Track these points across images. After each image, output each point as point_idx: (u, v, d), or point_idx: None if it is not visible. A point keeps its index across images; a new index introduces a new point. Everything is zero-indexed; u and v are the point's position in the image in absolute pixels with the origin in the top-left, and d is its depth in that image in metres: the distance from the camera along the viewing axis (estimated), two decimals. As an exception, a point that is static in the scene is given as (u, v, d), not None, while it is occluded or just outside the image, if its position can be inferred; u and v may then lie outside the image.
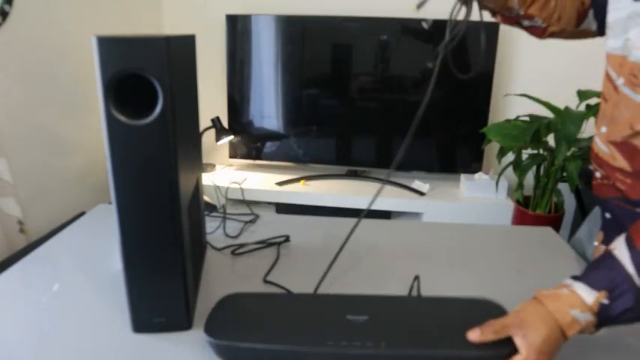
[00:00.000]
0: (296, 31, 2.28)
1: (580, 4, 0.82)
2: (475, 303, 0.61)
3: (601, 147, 0.74)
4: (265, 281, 0.76)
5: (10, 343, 0.59)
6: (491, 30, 2.30)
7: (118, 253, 0.77)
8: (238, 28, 2.34)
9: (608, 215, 0.79)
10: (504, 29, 2.39)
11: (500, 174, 2.31)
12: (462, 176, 2.47)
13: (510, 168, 2.24)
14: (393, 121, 2.43)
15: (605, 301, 0.52)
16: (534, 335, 0.52)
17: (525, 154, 2.22)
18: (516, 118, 2.28)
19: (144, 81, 0.51)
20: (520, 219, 2.29)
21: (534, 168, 2.25)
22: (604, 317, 0.52)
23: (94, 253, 0.83)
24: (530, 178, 2.36)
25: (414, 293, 0.72)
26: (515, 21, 0.83)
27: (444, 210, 2.37)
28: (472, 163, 2.50)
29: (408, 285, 0.75)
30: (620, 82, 0.68)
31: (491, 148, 2.50)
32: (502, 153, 2.26)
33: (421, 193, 2.39)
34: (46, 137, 1.86)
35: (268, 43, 2.32)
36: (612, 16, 0.69)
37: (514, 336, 0.53)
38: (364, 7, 2.41)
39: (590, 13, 0.81)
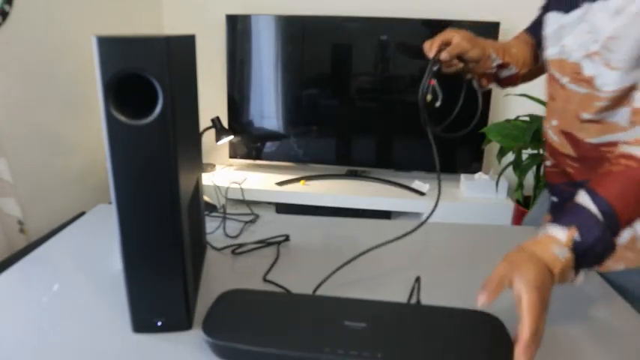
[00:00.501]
0: (296, 31, 2.28)
1: (530, 45, 0.97)
2: (475, 316, 0.61)
3: (553, 137, 0.87)
4: (265, 280, 0.76)
5: (10, 343, 0.59)
6: (492, 30, 2.30)
7: (117, 253, 0.77)
8: (238, 28, 2.34)
9: (555, 199, 0.92)
10: (504, 29, 2.39)
11: (500, 174, 2.31)
12: (462, 176, 2.47)
13: (510, 168, 2.24)
14: (393, 121, 2.43)
15: (577, 237, 0.59)
16: (527, 271, 0.56)
17: (525, 154, 2.22)
18: (516, 118, 2.28)
19: (144, 81, 0.51)
20: (520, 219, 2.29)
21: (534, 168, 2.25)
22: (579, 251, 0.59)
23: (94, 253, 0.83)
24: (530, 178, 2.36)
25: (415, 294, 0.72)
26: (495, 77, 0.93)
27: (444, 210, 2.37)
28: (472, 163, 2.50)
29: (408, 285, 0.75)
30: (564, 80, 0.81)
31: (492, 148, 2.50)
32: (502, 153, 2.26)
33: (421, 193, 2.39)
34: (46, 137, 1.86)
35: (268, 43, 2.32)
36: (547, 30, 0.85)
37: (512, 280, 0.56)
38: (364, 7, 2.41)
39: (539, 49, 0.95)
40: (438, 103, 0.79)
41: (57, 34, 1.87)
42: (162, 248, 0.57)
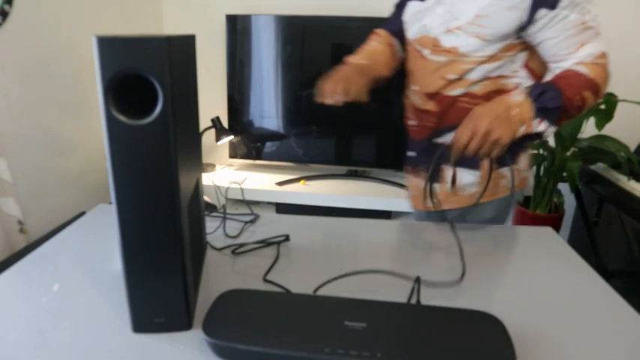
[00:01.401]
0: (296, 31, 2.28)
1: (390, 46, 1.16)
2: (474, 316, 0.61)
3: (416, 100, 1.06)
4: (265, 280, 0.76)
5: (10, 343, 0.59)
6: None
7: (117, 253, 0.77)
8: (238, 28, 2.34)
9: (413, 154, 1.13)
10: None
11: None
12: (462, 176, 2.47)
13: (510, 168, 2.24)
14: (393, 121, 2.43)
15: (531, 89, 0.87)
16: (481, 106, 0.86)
17: (525, 154, 2.22)
18: (516, 118, 2.27)
19: (144, 81, 0.51)
20: (520, 219, 2.29)
21: (534, 168, 2.25)
22: (535, 94, 0.86)
23: (94, 253, 0.83)
24: (530, 178, 2.36)
25: (415, 294, 0.72)
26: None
27: (444, 210, 2.36)
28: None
29: (408, 285, 0.75)
30: (425, 52, 1.01)
31: (491, 148, 2.49)
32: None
33: (421, 193, 2.38)
34: (46, 137, 1.86)
35: (268, 43, 2.32)
36: (406, 16, 1.07)
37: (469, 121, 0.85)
38: (364, 7, 2.41)
39: (398, 40, 1.17)
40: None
41: (57, 34, 1.87)
42: (163, 248, 0.57)
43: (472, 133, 0.84)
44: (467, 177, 1.03)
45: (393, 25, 1.15)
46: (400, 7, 1.13)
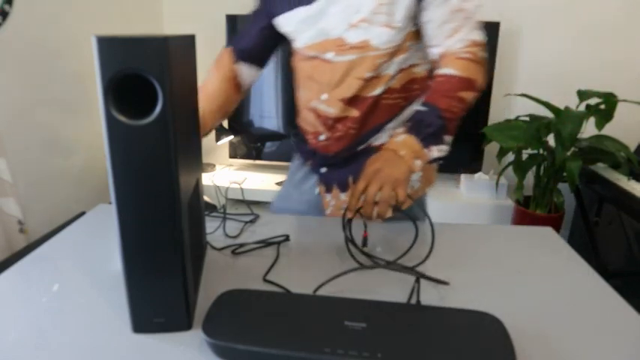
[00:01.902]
0: (296, 31, 2.28)
1: (231, 80, 1.09)
2: (474, 316, 0.61)
3: (328, 109, 0.99)
4: (265, 280, 0.76)
5: (10, 343, 0.59)
6: (492, 30, 2.30)
7: (117, 253, 0.77)
8: (238, 28, 2.34)
9: (324, 170, 1.08)
10: (505, 29, 2.39)
11: (500, 174, 2.31)
12: (462, 176, 2.47)
13: (510, 168, 2.24)
14: (393, 121, 2.42)
15: (409, 123, 0.88)
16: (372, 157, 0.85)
17: (525, 154, 2.22)
18: (516, 118, 2.28)
19: (144, 81, 0.51)
20: (520, 219, 2.29)
21: (534, 168, 2.25)
22: (415, 128, 0.87)
23: (94, 253, 0.83)
24: (530, 178, 2.36)
25: (415, 294, 0.72)
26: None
27: (444, 210, 2.37)
28: (472, 163, 2.50)
29: (408, 285, 0.75)
30: (329, 55, 0.95)
31: (491, 148, 2.50)
32: (502, 153, 2.26)
33: (421, 193, 2.38)
34: (46, 137, 1.86)
35: (268, 43, 2.32)
36: (291, 25, 0.99)
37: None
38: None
39: (250, 63, 1.10)
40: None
41: (57, 34, 1.87)
42: (162, 248, 0.57)
43: (367, 181, 0.81)
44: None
45: (248, 39, 1.07)
46: (262, 17, 1.04)
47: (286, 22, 0.99)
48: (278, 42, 1.08)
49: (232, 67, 1.07)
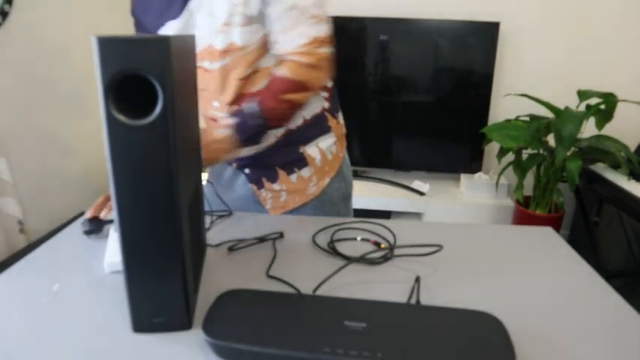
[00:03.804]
0: (296, 31, 2.28)
1: None
2: (475, 316, 0.61)
3: (223, 115, 1.01)
4: (268, 276, 0.76)
5: (10, 343, 0.59)
6: (492, 30, 2.30)
7: (107, 257, 0.77)
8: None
9: (247, 171, 1.10)
10: (505, 29, 2.39)
11: (500, 174, 2.31)
12: (462, 176, 2.48)
13: (510, 168, 2.24)
14: (393, 121, 2.43)
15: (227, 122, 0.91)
16: None
17: (525, 154, 2.23)
18: (516, 118, 2.28)
19: (144, 81, 0.51)
20: (520, 219, 2.30)
21: (534, 168, 2.25)
22: (237, 127, 0.90)
23: (93, 253, 0.83)
24: (530, 178, 2.36)
25: (415, 294, 0.72)
26: None
27: (444, 210, 2.37)
28: (472, 163, 2.50)
29: (408, 285, 0.75)
30: (206, 64, 0.97)
31: (491, 148, 2.50)
32: (502, 153, 2.26)
33: (421, 193, 2.39)
34: (46, 137, 1.86)
35: (268, 43, 2.32)
36: (169, 30, 0.96)
37: None
38: (364, 7, 2.41)
39: None
40: None
41: (57, 34, 1.87)
42: (163, 248, 0.57)
43: None
44: (326, 142, 1.10)
45: None
46: (142, 31, 1.05)
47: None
48: None
49: None
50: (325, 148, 1.10)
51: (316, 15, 0.91)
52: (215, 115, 1.03)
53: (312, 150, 1.08)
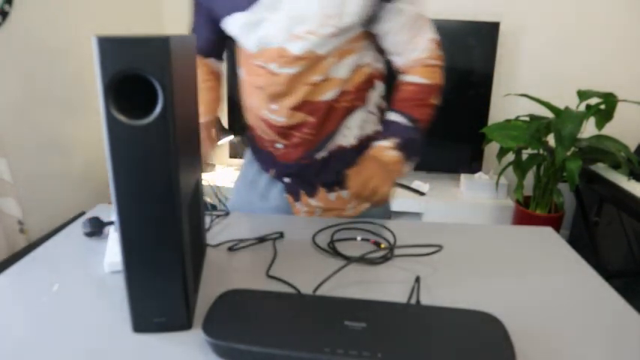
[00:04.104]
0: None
1: (213, 74, 1.13)
2: (474, 316, 0.61)
3: (279, 119, 0.96)
4: (269, 276, 0.76)
5: (10, 343, 0.59)
6: (492, 30, 2.30)
7: (107, 257, 0.78)
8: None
9: (288, 180, 1.05)
10: (504, 30, 2.39)
11: (500, 174, 2.31)
12: (462, 176, 2.47)
13: (510, 168, 2.24)
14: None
15: (399, 140, 0.90)
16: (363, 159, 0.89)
17: (525, 154, 2.23)
18: (516, 118, 2.28)
19: (144, 81, 0.51)
20: (520, 219, 2.29)
21: (534, 168, 2.25)
22: (402, 147, 0.90)
23: (94, 253, 0.83)
24: (530, 178, 2.36)
25: (415, 295, 0.72)
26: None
27: (443, 210, 2.37)
28: (472, 163, 2.50)
29: (408, 285, 0.75)
30: (272, 66, 0.91)
31: (491, 148, 2.50)
32: (502, 153, 2.26)
33: (421, 193, 2.39)
34: (46, 137, 1.86)
35: (268, 43, 2.32)
36: (234, 28, 0.93)
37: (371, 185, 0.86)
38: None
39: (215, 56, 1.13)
40: None
41: (57, 34, 1.87)
42: (163, 248, 0.57)
43: (362, 189, 0.86)
44: None
45: (201, 40, 1.05)
46: (202, 12, 1.00)
47: (227, 27, 0.95)
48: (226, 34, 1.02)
49: (209, 66, 1.10)
50: None
51: (427, 17, 0.91)
52: (269, 117, 0.97)
53: None
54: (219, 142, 2.40)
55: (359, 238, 0.90)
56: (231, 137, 2.43)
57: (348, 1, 0.84)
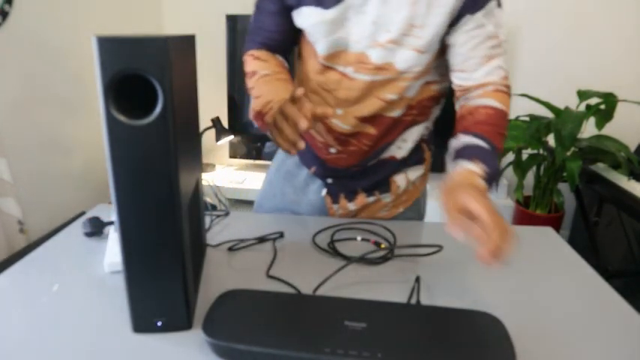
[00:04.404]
0: (296, 31, 2.28)
1: (283, 67, 0.97)
2: (474, 316, 0.61)
3: (340, 125, 0.92)
4: (269, 276, 0.76)
5: (10, 343, 0.59)
6: (491, 30, 2.29)
7: (107, 257, 0.78)
8: (238, 28, 2.35)
9: (330, 180, 1.02)
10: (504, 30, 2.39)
11: (500, 174, 2.31)
12: (462, 176, 2.47)
13: (510, 168, 2.24)
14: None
15: (486, 169, 0.76)
16: (471, 191, 0.66)
17: (525, 154, 2.22)
18: (516, 118, 2.28)
19: (144, 81, 0.51)
20: (520, 219, 2.29)
21: (534, 168, 2.25)
22: (489, 178, 0.76)
23: (94, 253, 0.83)
24: (530, 178, 2.36)
25: (415, 294, 0.72)
26: None
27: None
28: (472, 163, 2.49)
29: (408, 286, 0.75)
30: (348, 69, 0.86)
31: (491, 148, 2.49)
32: (502, 153, 2.26)
33: (421, 193, 2.38)
34: (46, 137, 1.86)
35: (268, 43, 2.32)
36: (306, 24, 0.87)
37: (463, 200, 0.64)
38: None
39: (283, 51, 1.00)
40: None
41: (57, 34, 1.87)
42: (163, 248, 0.57)
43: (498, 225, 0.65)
44: (414, 174, 1.03)
45: (267, 33, 0.95)
46: (274, 3, 0.91)
47: (299, 20, 0.89)
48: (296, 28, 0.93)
49: (278, 60, 0.96)
50: (413, 178, 1.03)
51: (503, 42, 0.85)
52: (331, 120, 0.92)
53: (399, 178, 1.02)
54: (221, 142, 2.40)
55: (359, 238, 0.90)
56: (231, 137, 2.43)
57: (432, 12, 0.79)
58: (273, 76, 0.92)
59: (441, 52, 0.86)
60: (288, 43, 0.97)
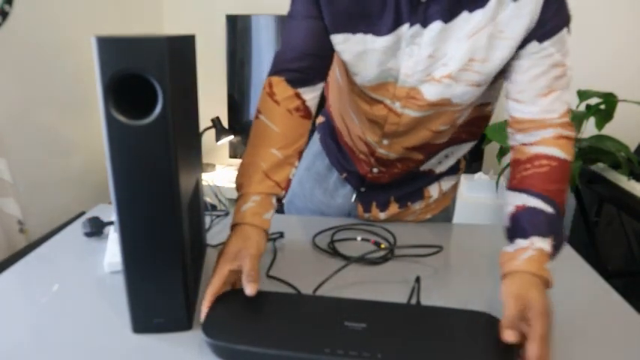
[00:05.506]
0: (296, 31, 2.28)
1: (299, 117, 0.82)
2: (473, 316, 0.61)
3: (386, 154, 0.89)
4: (269, 276, 0.76)
5: (10, 343, 0.59)
6: (492, 30, 2.29)
7: (107, 257, 0.77)
8: (238, 28, 2.34)
9: (362, 189, 1.00)
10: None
11: (500, 174, 2.31)
12: (462, 176, 2.47)
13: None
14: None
15: (554, 241, 0.66)
16: (536, 303, 0.58)
17: (525, 154, 2.22)
18: (516, 118, 2.27)
19: (144, 81, 0.51)
20: (520, 219, 2.29)
21: (534, 168, 2.24)
22: (557, 250, 0.67)
23: (94, 253, 0.83)
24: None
25: (415, 295, 0.72)
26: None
27: (444, 210, 2.36)
28: (472, 163, 2.50)
29: (408, 286, 0.75)
30: (396, 105, 0.80)
31: (492, 148, 2.50)
32: (502, 153, 2.26)
33: (421, 193, 2.38)
34: (46, 137, 1.86)
35: (268, 43, 2.32)
36: (347, 57, 0.78)
37: (527, 326, 0.56)
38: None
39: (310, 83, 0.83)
40: None
41: (57, 34, 1.87)
42: (163, 248, 0.57)
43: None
44: (448, 183, 1.02)
45: (296, 55, 0.78)
46: (308, 29, 0.77)
47: (342, 46, 0.77)
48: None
49: (293, 96, 0.79)
50: (446, 188, 1.01)
51: (569, 70, 0.74)
52: (376, 148, 0.89)
53: (433, 188, 1.00)
54: (221, 142, 2.40)
55: (359, 239, 0.90)
56: (231, 137, 2.43)
57: (496, 45, 0.71)
58: (266, 131, 0.79)
59: (499, 74, 0.78)
60: (321, 72, 0.82)
